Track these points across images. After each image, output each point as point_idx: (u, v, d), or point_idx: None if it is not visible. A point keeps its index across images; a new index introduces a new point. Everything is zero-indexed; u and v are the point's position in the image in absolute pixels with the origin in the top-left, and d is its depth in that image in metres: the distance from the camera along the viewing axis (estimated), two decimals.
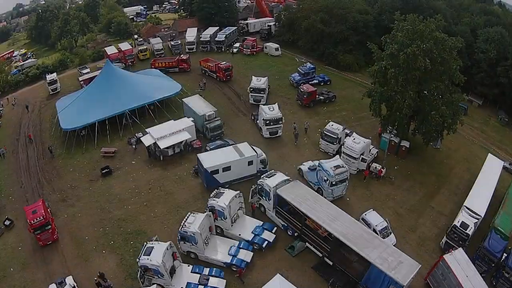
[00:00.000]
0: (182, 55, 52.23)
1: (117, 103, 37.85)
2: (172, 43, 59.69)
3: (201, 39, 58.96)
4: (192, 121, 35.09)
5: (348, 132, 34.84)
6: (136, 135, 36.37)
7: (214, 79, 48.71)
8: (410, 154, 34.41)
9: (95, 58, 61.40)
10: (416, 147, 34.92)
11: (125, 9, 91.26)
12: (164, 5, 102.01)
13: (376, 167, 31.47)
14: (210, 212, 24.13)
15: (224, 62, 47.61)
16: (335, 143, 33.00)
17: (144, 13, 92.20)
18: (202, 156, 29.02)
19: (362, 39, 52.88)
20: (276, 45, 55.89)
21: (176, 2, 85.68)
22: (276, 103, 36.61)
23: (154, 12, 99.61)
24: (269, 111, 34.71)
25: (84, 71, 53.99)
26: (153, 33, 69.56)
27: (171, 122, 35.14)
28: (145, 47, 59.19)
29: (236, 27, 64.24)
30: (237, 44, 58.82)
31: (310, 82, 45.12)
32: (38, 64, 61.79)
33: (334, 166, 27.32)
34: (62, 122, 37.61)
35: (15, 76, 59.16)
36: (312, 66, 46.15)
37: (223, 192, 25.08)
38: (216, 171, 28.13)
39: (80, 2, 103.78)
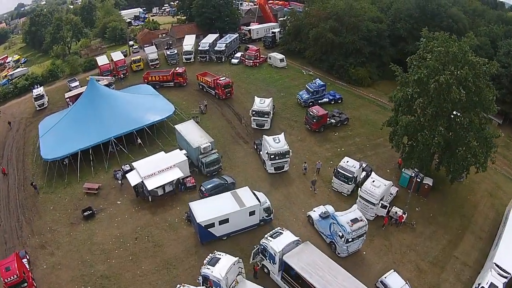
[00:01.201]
0: (178, 68, 47.34)
1: (102, 129, 33.70)
2: (168, 52, 54.63)
3: (199, 48, 53.93)
4: (185, 154, 30.72)
5: (365, 166, 30.39)
6: (123, 167, 32.19)
7: (212, 96, 43.97)
8: (432, 191, 30.10)
9: (87, 68, 56.97)
10: (438, 181, 30.67)
11: (123, 12, 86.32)
12: (164, 8, 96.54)
13: (396, 213, 27.06)
14: (203, 287, 19.92)
15: (224, 78, 42.81)
16: (350, 183, 28.56)
17: (143, 16, 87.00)
18: (194, 207, 24.67)
19: (375, 50, 48.32)
20: (281, 56, 50.92)
21: (175, 4, 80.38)
22: (282, 134, 31.94)
23: (153, 15, 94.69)
24: (275, 143, 30.19)
25: (73, 84, 49.66)
26: (149, 40, 64.70)
27: (161, 155, 30.81)
28: (138, 57, 54.28)
29: (237, 35, 59.12)
30: (238, 54, 53.83)
31: (319, 101, 40.47)
32: (27, 75, 57.49)
33: (351, 221, 22.98)
34: (42, 151, 33.65)
35: (4, 87, 54.94)
36: (322, 83, 41.31)
37: (220, 258, 20.83)
38: (212, 225, 23.88)
39: (79, 3, 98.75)
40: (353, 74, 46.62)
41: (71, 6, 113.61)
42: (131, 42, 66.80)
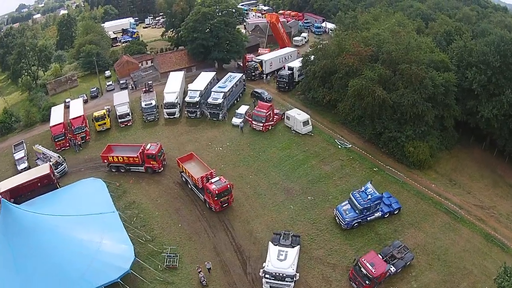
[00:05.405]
0: (150, 146, 28.68)
1: None
2: (143, 104, 35.82)
3: (186, 99, 35.64)
4: None
5: None
6: None
7: (199, 202, 25.80)
8: None
9: (45, 118, 40.03)
10: None
11: (109, 24, 67.45)
12: (158, 18, 76.63)
13: None
14: None
15: (217, 179, 24.24)
16: None
17: (131, 30, 67.69)
18: None
19: (438, 112, 30.00)
20: (305, 117, 32.48)
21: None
22: None
23: (146, 26, 75.55)
24: None
25: (18, 154, 33.30)
26: (127, 73, 46.86)
27: None
28: (103, 111, 35.72)
29: (242, 75, 40.33)
30: (242, 109, 34.96)
31: (368, 218, 23.24)
32: None
33: None
34: None
35: None
36: (377, 195, 23.19)
37: None
38: None
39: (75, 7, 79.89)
40: (410, 154, 28.59)
41: (63, 12, 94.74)
42: (107, 73, 49.14)
